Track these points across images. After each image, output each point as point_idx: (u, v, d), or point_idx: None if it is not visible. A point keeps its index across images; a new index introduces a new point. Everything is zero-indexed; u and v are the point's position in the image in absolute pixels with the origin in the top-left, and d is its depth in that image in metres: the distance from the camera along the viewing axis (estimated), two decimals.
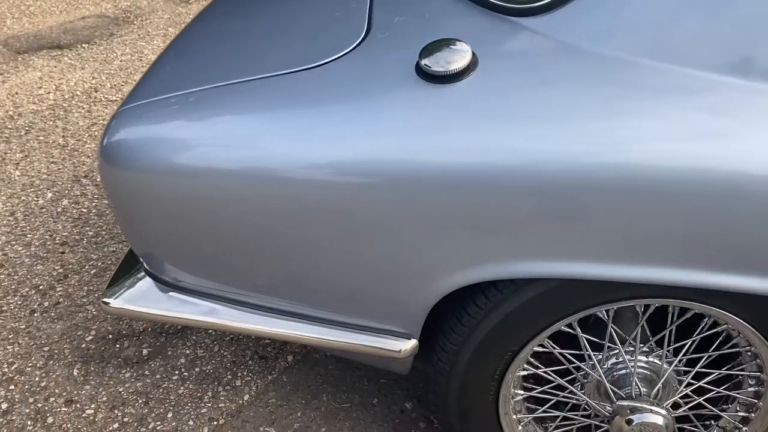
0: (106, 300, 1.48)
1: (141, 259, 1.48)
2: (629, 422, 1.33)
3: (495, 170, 1.13)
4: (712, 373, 1.38)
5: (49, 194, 2.75)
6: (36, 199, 2.73)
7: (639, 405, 1.32)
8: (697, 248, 1.12)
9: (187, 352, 2.06)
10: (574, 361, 1.40)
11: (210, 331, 2.13)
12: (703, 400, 1.41)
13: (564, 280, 1.23)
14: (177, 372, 1.99)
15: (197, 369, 2.00)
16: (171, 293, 1.47)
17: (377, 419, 1.84)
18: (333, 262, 1.29)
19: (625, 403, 1.33)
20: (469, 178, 1.14)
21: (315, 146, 1.21)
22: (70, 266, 2.37)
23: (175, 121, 1.30)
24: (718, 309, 1.23)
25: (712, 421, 1.48)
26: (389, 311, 1.33)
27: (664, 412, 1.32)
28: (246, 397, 1.90)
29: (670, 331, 1.33)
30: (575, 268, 1.17)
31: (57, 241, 2.49)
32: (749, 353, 1.32)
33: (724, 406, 1.44)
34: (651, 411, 1.32)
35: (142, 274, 1.49)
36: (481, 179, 1.13)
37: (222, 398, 1.90)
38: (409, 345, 1.36)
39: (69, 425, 1.82)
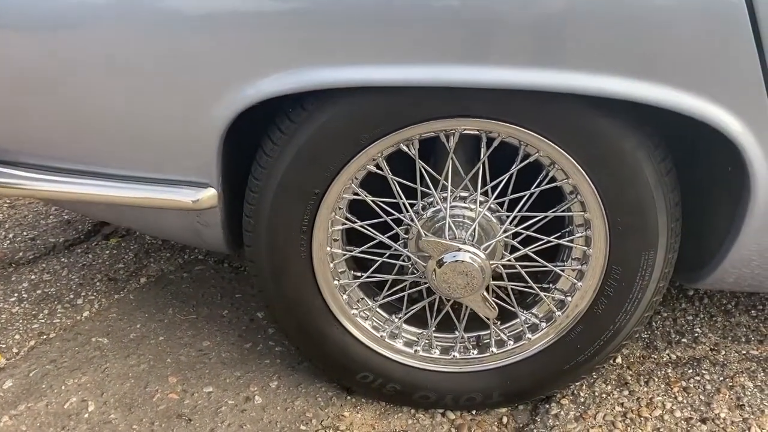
0: None
1: None
2: (440, 264, 1.22)
3: None
4: (542, 219, 1.28)
5: None
6: None
7: (444, 242, 1.21)
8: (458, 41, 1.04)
9: (32, 277, 1.91)
10: (392, 212, 1.29)
11: (61, 257, 2.00)
12: (532, 252, 1.31)
13: (352, 103, 1.14)
14: (16, 294, 1.84)
15: (39, 291, 1.85)
16: None
17: (223, 327, 1.70)
18: (108, 100, 1.19)
19: (431, 239, 1.22)
20: None
21: None
22: None
23: None
24: (518, 127, 1.13)
25: (552, 284, 1.37)
26: (177, 154, 1.22)
27: (474, 250, 1.21)
28: (85, 314, 1.75)
29: (484, 169, 1.24)
30: (354, 73, 1.07)
31: None
32: (569, 188, 1.23)
33: (562, 264, 1.34)
34: (459, 249, 1.21)
35: None
36: None
37: (59, 315, 1.75)
38: (205, 194, 1.24)
39: None
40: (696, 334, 1.66)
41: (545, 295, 1.35)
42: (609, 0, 1.00)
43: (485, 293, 1.29)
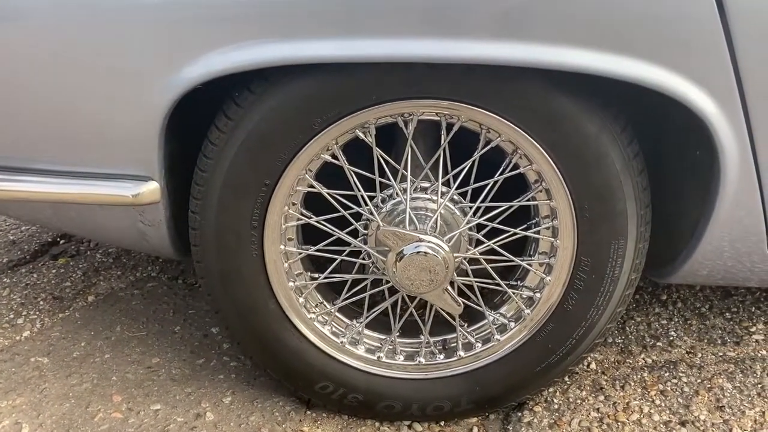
0: None
1: None
2: (400, 257, 1.15)
3: None
4: (507, 209, 1.22)
5: None
6: None
7: (404, 231, 1.14)
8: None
9: None
10: (351, 205, 1.22)
11: (3, 278, 1.88)
12: (498, 246, 1.24)
13: (302, 84, 1.07)
14: None
15: None
16: None
17: (174, 344, 1.59)
18: (37, 91, 1.11)
19: (389, 228, 1.14)
20: None
21: None
22: None
23: None
24: (478, 108, 1.08)
25: (518, 282, 1.30)
26: (116, 145, 1.13)
27: (436, 241, 1.14)
28: (25, 334, 1.63)
29: (445, 156, 1.18)
30: (302, 48, 1.01)
31: None
32: (534, 175, 1.17)
33: (529, 258, 1.27)
34: (420, 240, 1.13)
35: None
36: None
37: None
38: (147, 188, 1.15)
39: None
40: (671, 338, 1.60)
41: (513, 293, 1.27)
42: None
43: (449, 288, 1.21)
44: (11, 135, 1.18)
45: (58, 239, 2.11)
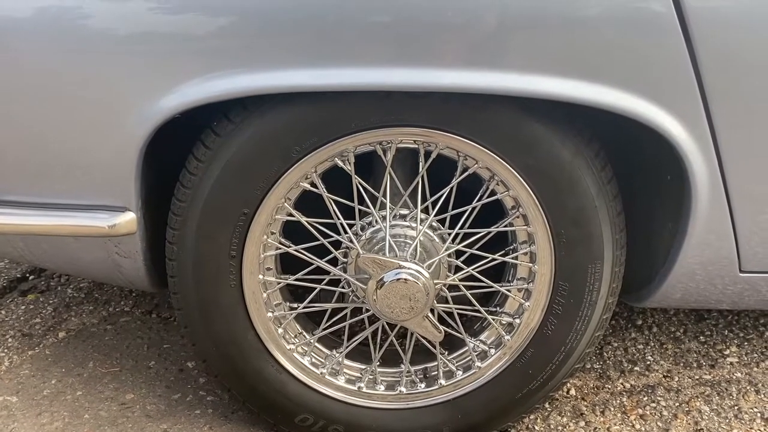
0: None
1: None
2: (381, 284, 1.14)
3: None
4: (485, 235, 1.23)
5: None
6: None
7: (384, 258, 1.14)
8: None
9: None
10: (330, 233, 1.22)
11: None
12: (477, 272, 1.25)
13: (281, 113, 1.08)
14: None
15: None
16: None
17: (149, 380, 1.55)
18: (10, 121, 1.10)
19: (369, 255, 1.14)
20: None
21: None
22: None
23: None
24: (455, 135, 1.09)
25: (498, 308, 1.31)
26: (92, 175, 1.12)
27: (417, 267, 1.14)
28: None
29: (423, 183, 1.19)
30: (279, 78, 1.02)
31: None
32: (511, 201, 1.19)
33: (508, 284, 1.28)
34: (400, 266, 1.14)
35: None
36: None
37: None
38: (123, 218, 1.14)
39: None
40: (648, 362, 1.61)
41: (493, 319, 1.28)
42: (542, 1, 0.99)
43: (430, 315, 1.21)
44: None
45: (27, 275, 2.06)
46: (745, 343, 1.68)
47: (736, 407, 1.46)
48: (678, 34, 1.01)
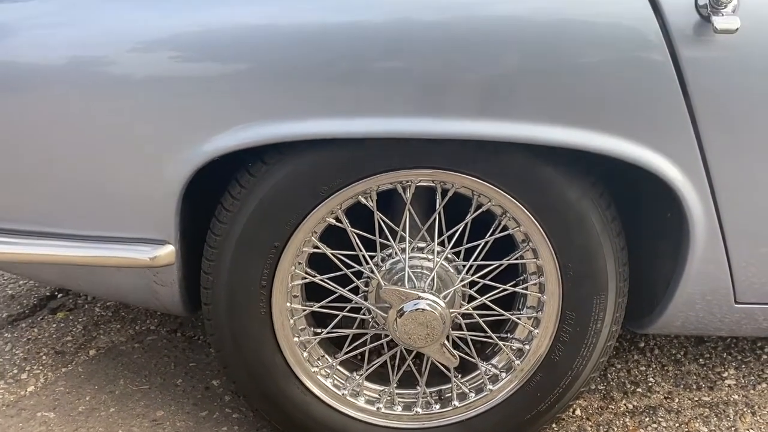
0: None
1: None
2: (401, 313, 1.24)
3: (221, 34, 1.10)
4: (497, 267, 1.32)
5: None
6: None
7: (405, 290, 1.23)
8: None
9: None
10: (352, 264, 1.31)
11: (4, 333, 1.92)
12: (489, 301, 1.34)
13: (311, 156, 1.17)
14: None
15: None
16: None
17: (177, 397, 1.64)
18: (56, 166, 1.20)
19: (391, 287, 1.24)
20: (196, 44, 1.11)
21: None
22: None
23: None
24: (471, 177, 1.19)
25: (509, 334, 1.39)
26: (135, 212, 1.22)
27: (434, 298, 1.24)
28: (30, 389, 1.67)
29: (441, 219, 1.28)
30: (311, 126, 1.11)
31: None
32: (522, 236, 1.28)
33: (518, 312, 1.37)
34: (419, 297, 1.23)
35: None
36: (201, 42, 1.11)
37: (1, 391, 1.66)
38: (163, 251, 1.23)
39: None
40: (650, 384, 1.69)
41: (504, 344, 1.37)
42: (549, 57, 1.09)
43: (446, 342, 1.30)
44: (34, 201, 1.26)
45: (56, 293, 2.16)
46: (743, 366, 1.76)
47: (732, 428, 1.54)
48: (674, 83, 1.10)
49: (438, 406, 1.40)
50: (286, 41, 1.09)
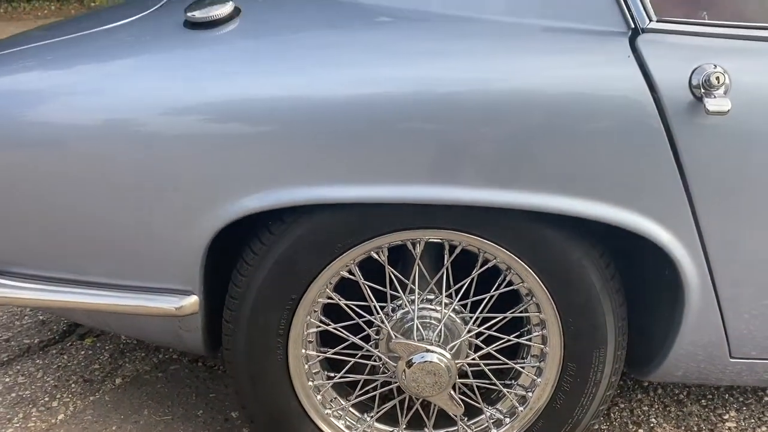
0: None
1: None
2: (410, 364, 1.31)
3: (250, 102, 1.19)
4: (502, 319, 1.39)
5: None
6: None
7: (413, 343, 1.31)
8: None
9: (7, 380, 1.93)
10: (364, 314, 1.39)
11: (36, 359, 2.02)
12: (495, 350, 1.41)
13: (327, 216, 1.26)
14: None
15: (13, 394, 1.86)
16: None
17: (198, 428, 1.73)
18: (92, 220, 1.29)
19: (400, 340, 1.31)
20: (225, 111, 1.20)
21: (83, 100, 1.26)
22: None
23: None
24: (477, 237, 1.26)
25: (513, 381, 1.46)
26: (164, 264, 1.31)
27: (441, 350, 1.31)
28: (60, 417, 1.77)
29: (448, 273, 1.35)
30: (328, 191, 1.20)
31: None
32: (526, 291, 1.35)
33: (522, 361, 1.44)
34: (427, 350, 1.30)
35: None
36: (234, 112, 1.19)
37: (33, 419, 1.76)
38: (188, 301, 1.32)
39: None
40: (652, 425, 1.75)
41: (508, 391, 1.44)
42: (552, 133, 1.16)
43: (452, 391, 1.37)
44: (70, 252, 1.35)
45: None
46: (744, 408, 1.81)
47: None
48: (669, 157, 1.16)
49: None
50: (312, 112, 1.17)
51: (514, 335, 1.41)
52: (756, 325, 1.31)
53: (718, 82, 1.09)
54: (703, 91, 1.11)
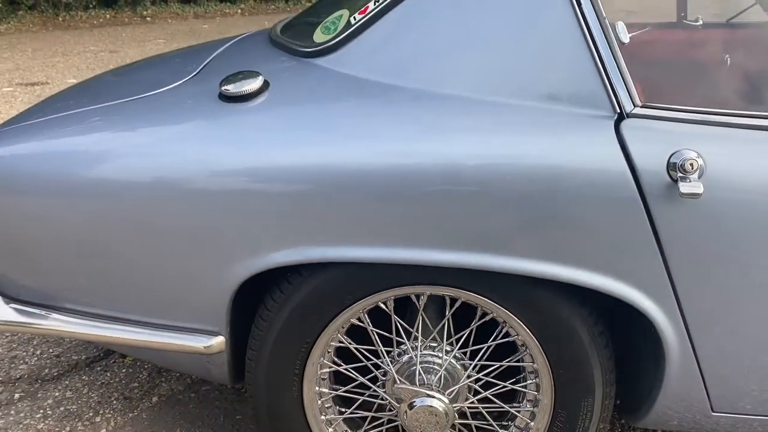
0: None
1: None
2: (411, 406, 1.45)
3: (271, 169, 1.35)
4: (498, 367, 1.51)
5: None
6: None
7: (415, 388, 1.44)
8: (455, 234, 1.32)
9: (56, 394, 2.13)
10: (371, 357, 1.53)
11: (82, 375, 2.22)
12: (492, 394, 1.53)
13: (341, 271, 1.40)
14: (41, 411, 2.05)
15: (62, 408, 2.06)
16: (12, 305, 1.61)
17: None
18: (136, 265, 1.46)
19: (403, 386, 1.45)
20: (257, 175, 1.36)
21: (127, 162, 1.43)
22: None
23: None
24: (475, 294, 1.39)
25: (511, 422, 1.58)
26: (195, 307, 1.47)
27: (440, 396, 1.44)
28: (102, 431, 1.96)
29: (449, 324, 1.48)
30: (345, 251, 1.34)
31: None
32: (521, 342, 1.47)
33: (517, 405, 1.56)
34: (427, 395, 1.44)
35: None
36: (261, 178, 1.35)
37: None
38: (216, 341, 1.49)
39: None
40: None
41: None
42: (542, 208, 1.28)
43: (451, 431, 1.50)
44: (113, 292, 1.53)
45: None
46: None
47: None
48: (648, 231, 1.27)
49: None
50: (332, 181, 1.32)
51: (510, 381, 1.53)
52: (734, 384, 1.40)
53: (692, 168, 1.20)
54: (679, 174, 1.22)
